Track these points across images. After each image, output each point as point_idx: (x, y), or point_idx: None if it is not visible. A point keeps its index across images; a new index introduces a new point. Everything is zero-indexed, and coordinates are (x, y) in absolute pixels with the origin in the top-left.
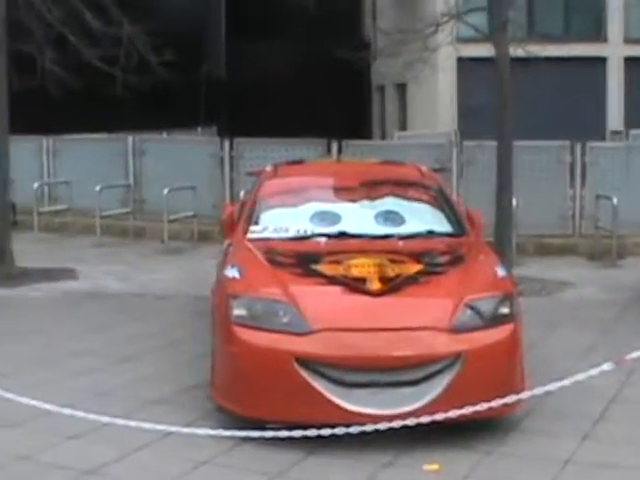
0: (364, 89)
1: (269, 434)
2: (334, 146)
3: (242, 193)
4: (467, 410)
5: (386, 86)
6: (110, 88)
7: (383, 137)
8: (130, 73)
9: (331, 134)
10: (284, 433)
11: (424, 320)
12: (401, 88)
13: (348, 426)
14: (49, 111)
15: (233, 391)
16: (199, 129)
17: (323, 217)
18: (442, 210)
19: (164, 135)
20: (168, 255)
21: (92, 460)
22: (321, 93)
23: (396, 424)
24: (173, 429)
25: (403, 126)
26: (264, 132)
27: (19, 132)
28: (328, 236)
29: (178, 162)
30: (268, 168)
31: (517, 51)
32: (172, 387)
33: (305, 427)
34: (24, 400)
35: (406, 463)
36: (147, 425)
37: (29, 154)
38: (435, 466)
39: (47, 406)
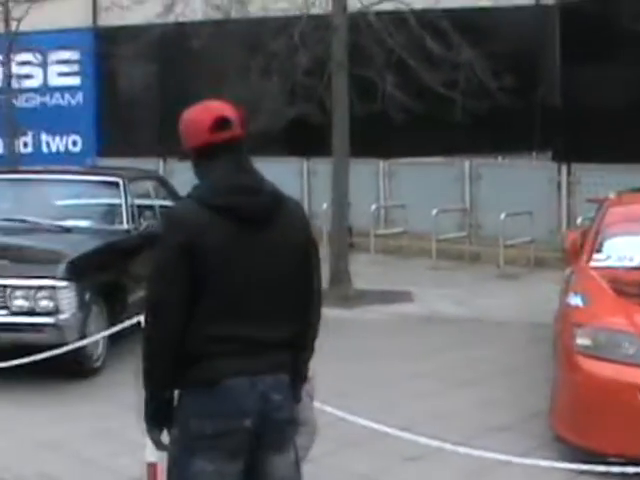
0: None
1: (615, 469)
2: None
3: (579, 219)
4: None
5: None
6: (449, 112)
7: None
8: (469, 97)
9: None
10: (630, 469)
11: None
12: None
13: None
14: (387, 135)
15: (573, 421)
16: (534, 154)
17: None
18: None
19: (499, 160)
20: (504, 280)
21: None
22: None
23: None
24: (515, 459)
25: None
26: (601, 157)
27: (357, 155)
28: None
29: (514, 187)
30: (612, 195)
31: None
32: (511, 414)
33: None
34: (364, 421)
35: None
36: (488, 454)
37: (366, 177)
38: None
39: (386, 428)
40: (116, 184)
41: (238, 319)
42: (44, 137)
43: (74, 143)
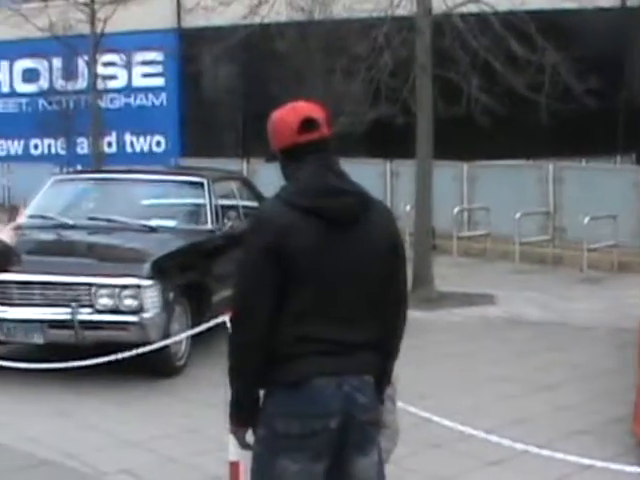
0: None
1: None
2: None
3: None
4: None
5: None
6: (532, 115)
7: None
8: (553, 100)
9: None
10: None
11: None
12: None
13: None
14: (470, 137)
15: None
16: (617, 157)
17: None
18: None
19: (583, 162)
20: (587, 284)
21: None
22: None
23: None
24: (598, 464)
25: None
26: None
27: (440, 157)
28: None
29: (598, 190)
30: None
31: None
32: (593, 418)
33: None
34: (450, 423)
35: None
36: (571, 458)
37: (449, 180)
38: None
39: (471, 430)
40: (201, 184)
41: (325, 320)
42: (128, 137)
43: (157, 143)
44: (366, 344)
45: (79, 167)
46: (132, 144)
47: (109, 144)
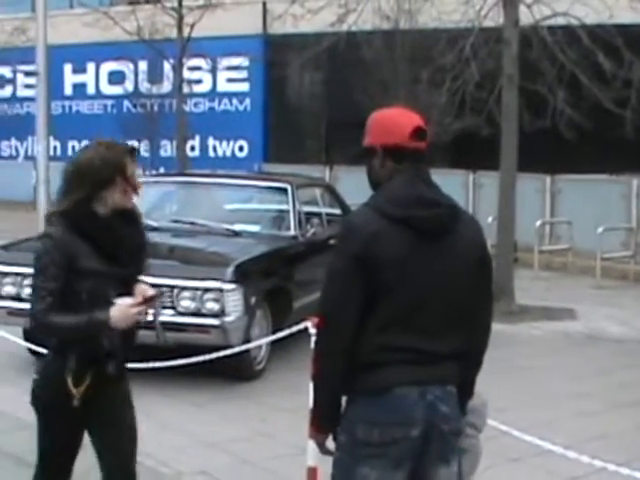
0: None
1: None
2: None
3: None
4: None
5: None
6: (618, 130)
7: None
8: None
9: None
10: None
11: None
12: None
13: None
14: (555, 150)
15: None
16: None
17: None
18: None
19: None
20: None
21: None
22: None
23: None
24: None
25: None
26: None
27: (524, 170)
28: None
29: None
30: None
31: None
32: None
33: None
34: (529, 437)
35: None
36: None
37: (532, 192)
38: None
39: (550, 446)
40: (285, 190)
41: (410, 329)
42: (211, 141)
43: (240, 148)
44: (450, 355)
45: (162, 170)
46: (215, 148)
47: (192, 148)
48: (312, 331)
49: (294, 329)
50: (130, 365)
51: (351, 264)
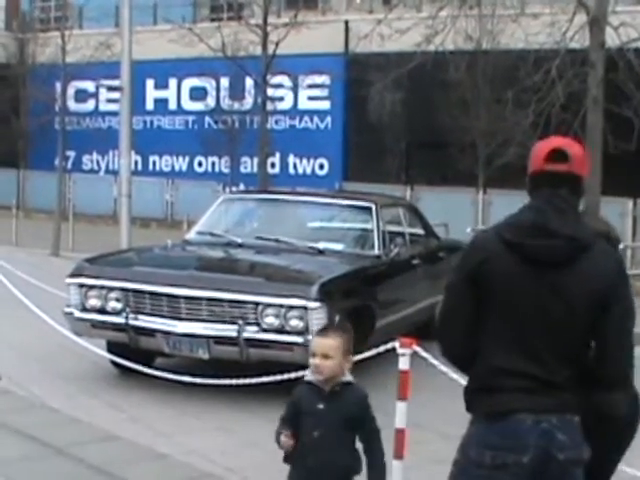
0: None
1: None
2: None
3: None
4: None
5: None
6: None
7: None
8: None
9: None
10: None
11: None
12: None
13: None
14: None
15: None
16: None
17: None
18: None
19: None
20: None
21: None
22: None
23: None
24: None
25: None
26: None
27: (607, 193)
28: None
29: None
30: None
31: None
32: None
33: None
34: (629, 470)
35: None
36: None
37: (615, 215)
38: None
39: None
40: (369, 209)
41: (522, 354)
42: (291, 159)
43: (321, 166)
44: (565, 384)
45: (242, 186)
46: (295, 166)
47: (272, 165)
48: (400, 351)
49: (381, 348)
50: (215, 381)
51: (462, 280)
